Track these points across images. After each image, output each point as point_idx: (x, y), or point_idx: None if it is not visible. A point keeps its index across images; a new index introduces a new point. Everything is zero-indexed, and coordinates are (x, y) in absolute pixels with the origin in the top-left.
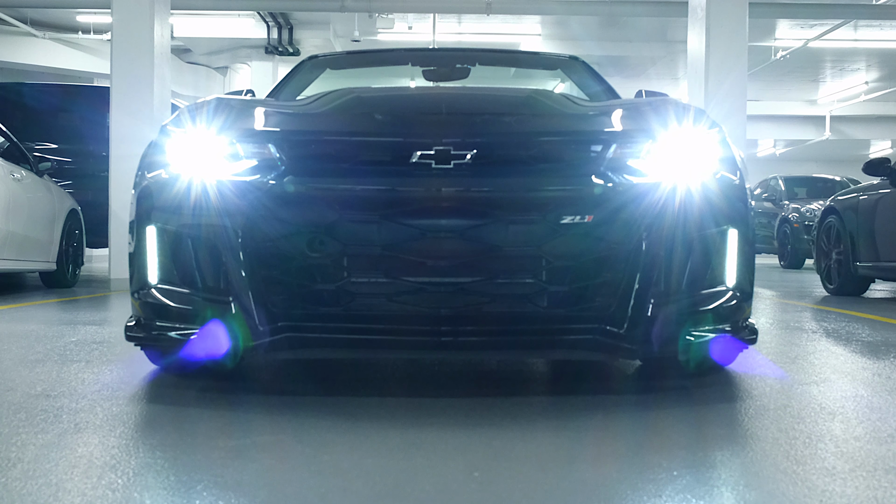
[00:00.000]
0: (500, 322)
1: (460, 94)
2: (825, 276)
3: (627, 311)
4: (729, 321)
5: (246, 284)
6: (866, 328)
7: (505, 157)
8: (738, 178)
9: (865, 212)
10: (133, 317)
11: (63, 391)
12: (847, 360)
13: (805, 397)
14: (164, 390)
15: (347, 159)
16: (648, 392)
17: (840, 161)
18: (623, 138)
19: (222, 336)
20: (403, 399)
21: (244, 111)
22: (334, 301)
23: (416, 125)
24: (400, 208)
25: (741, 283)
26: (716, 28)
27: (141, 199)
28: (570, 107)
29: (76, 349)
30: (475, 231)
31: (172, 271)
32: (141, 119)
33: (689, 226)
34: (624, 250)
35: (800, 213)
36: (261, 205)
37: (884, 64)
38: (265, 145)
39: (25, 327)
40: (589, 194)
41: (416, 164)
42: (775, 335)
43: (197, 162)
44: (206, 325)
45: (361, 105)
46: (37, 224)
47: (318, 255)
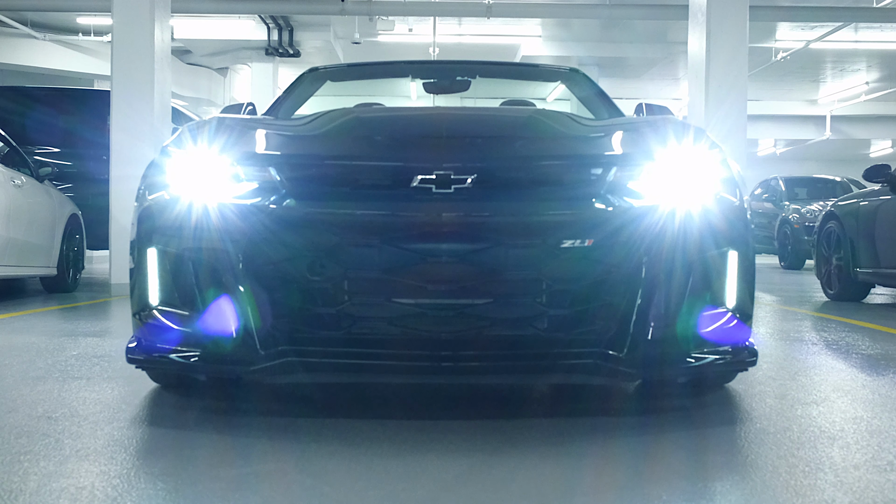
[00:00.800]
0: (501, 346)
1: (460, 116)
2: (825, 282)
3: (627, 335)
4: (729, 342)
5: (247, 308)
6: (866, 339)
7: (505, 181)
8: (738, 198)
9: (866, 218)
10: (134, 337)
11: (64, 412)
12: (847, 377)
13: (805, 420)
14: (165, 411)
15: (348, 183)
16: (648, 413)
17: (841, 160)
18: (623, 161)
19: (223, 359)
20: (404, 421)
21: (245, 133)
22: (335, 325)
23: (417, 149)
24: (400, 233)
25: (741, 304)
26: (716, 30)
27: (142, 221)
28: (570, 128)
29: (77, 364)
30: (475, 255)
31: (173, 293)
32: (141, 122)
33: (690, 248)
34: (624, 273)
35: (800, 214)
36: (262, 228)
37: (884, 64)
38: (266, 168)
39: (27, 339)
40: (589, 218)
41: (417, 189)
42: (775, 347)
43: (198, 184)
44: (206, 349)
45: (361, 127)
46: (38, 230)
47: (318, 278)
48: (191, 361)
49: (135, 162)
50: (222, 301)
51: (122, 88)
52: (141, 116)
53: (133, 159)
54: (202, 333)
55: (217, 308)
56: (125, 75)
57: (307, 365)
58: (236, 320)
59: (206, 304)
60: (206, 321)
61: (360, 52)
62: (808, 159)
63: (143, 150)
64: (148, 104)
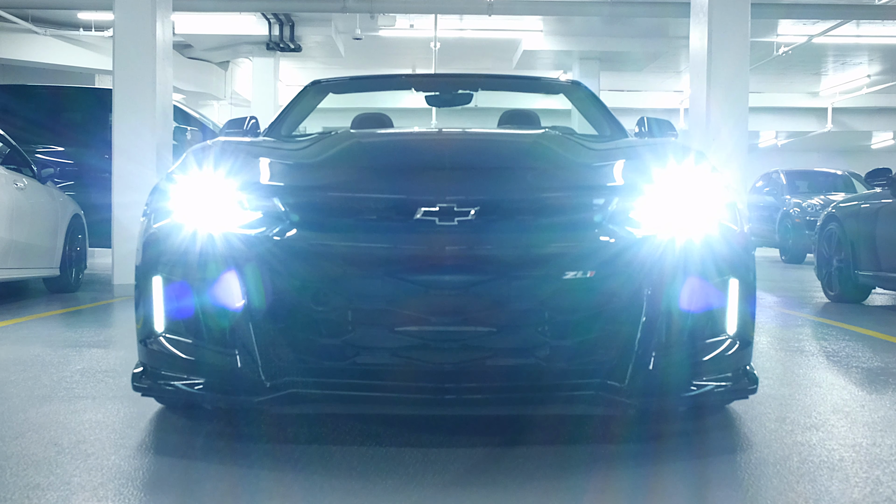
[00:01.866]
0: (503, 377)
1: (462, 145)
2: (826, 283)
3: (628, 364)
4: (730, 369)
5: (251, 338)
6: (866, 350)
7: (508, 213)
8: (739, 225)
9: (866, 220)
10: (140, 363)
11: (71, 439)
12: (846, 395)
13: (804, 448)
14: (171, 437)
15: (352, 214)
16: (648, 440)
17: (842, 151)
18: (625, 191)
19: (228, 389)
20: (407, 449)
21: (249, 161)
22: (339, 355)
23: (420, 181)
24: (404, 265)
25: (742, 331)
26: (718, 28)
27: (147, 248)
28: (573, 154)
29: (82, 381)
30: (478, 287)
31: (178, 321)
32: (143, 120)
33: (691, 277)
34: (625, 303)
35: (801, 209)
36: (266, 258)
37: (886, 58)
38: (270, 198)
39: (30, 351)
40: (591, 249)
41: (420, 221)
42: (775, 359)
43: (203, 213)
44: (211, 378)
45: (364, 155)
46: (40, 232)
47: (323, 308)
48: (196, 391)
49: (136, 159)
50: (227, 331)
51: (124, 85)
52: (143, 114)
53: (134, 158)
54: (207, 363)
55: (222, 338)
56: (127, 72)
57: (311, 396)
58: (241, 351)
59: (212, 333)
60: (212, 351)
61: (362, 46)
62: (810, 150)
63: (145, 149)
64: (150, 101)
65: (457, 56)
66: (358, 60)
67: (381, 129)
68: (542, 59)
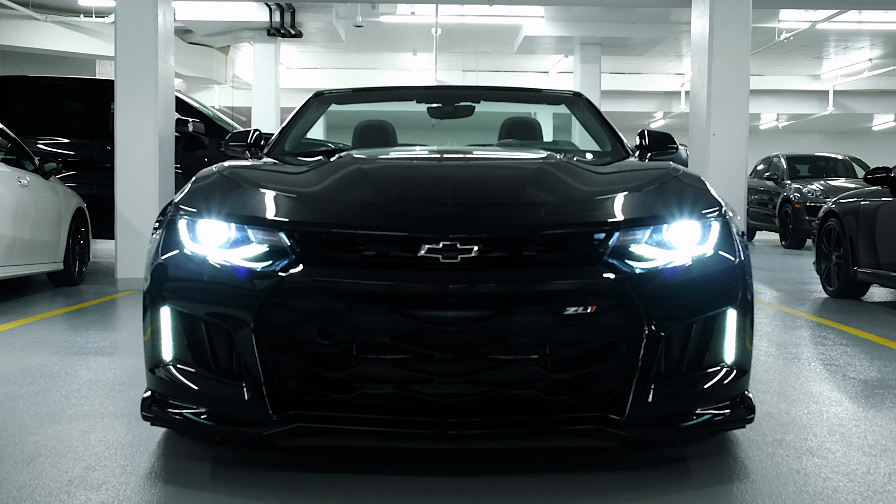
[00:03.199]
0: (505, 412)
1: (465, 177)
2: (825, 278)
3: (628, 398)
4: (728, 398)
5: (258, 371)
6: (864, 358)
7: (510, 250)
8: (737, 255)
9: (865, 218)
10: (148, 390)
11: (83, 466)
12: (842, 413)
13: (800, 477)
14: (179, 463)
15: (356, 251)
16: (646, 468)
17: (843, 133)
18: (625, 226)
19: (235, 421)
20: (412, 478)
21: (254, 194)
22: (344, 389)
23: (423, 219)
24: (408, 301)
25: (739, 359)
26: (719, 16)
27: (155, 277)
28: (574, 186)
29: (90, 396)
30: (480, 323)
31: (186, 352)
32: (145, 109)
33: (690, 310)
34: (625, 337)
35: (801, 194)
36: (271, 292)
37: (888, 43)
38: (275, 233)
39: (37, 360)
40: (592, 285)
41: (424, 258)
42: (774, 368)
43: (208, 246)
44: (218, 410)
45: (367, 188)
46: (44, 228)
47: (328, 342)
48: (203, 421)
49: (139, 148)
50: (234, 363)
51: (126, 72)
52: (145, 103)
53: (136, 147)
54: (215, 395)
55: (229, 370)
56: (129, 59)
57: (317, 430)
58: (248, 383)
59: (219, 365)
60: (219, 383)
61: (363, 32)
62: (811, 132)
63: (147, 139)
64: (151, 90)
65: (458, 41)
66: (359, 45)
67: (383, 145)
68: (543, 45)
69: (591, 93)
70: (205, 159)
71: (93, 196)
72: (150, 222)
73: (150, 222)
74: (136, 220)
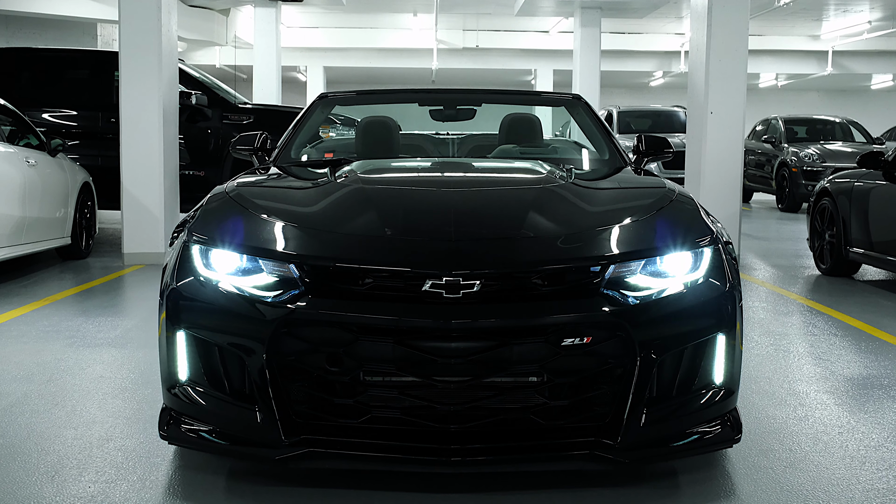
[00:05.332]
0: (505, 438)
1: (467, 208)
2: (818, 256)
3: (622, 423)
4: (717, 417)
5: (269, 397)
6: (852, 350)
7: (510, 286)
8: (727, 282)
9: (858, 199)
10: (164, 405)
11: (101, 485)
12: (827, 418)
13: (787, 493)
14: (195, 476)
15: (362, 284)
16: (640, 484)
17: (841, 92)
18: (621, 259)
19: (249, 443)
20: (418, 495)
21: (265, 223)
22: (353, 415)
23: (427, 255)
24: (413, 334)
25: (728, 380)
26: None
27: (170, 302)
28: (575, 207)
29: (105, 395)
30: (481, 354)
31: (201, 374)
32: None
33: (682, 337)
34: (619, 365)
35: (798, 158)
36: (282, 322)
37: (888, 5)
38: (285, 265)
39: (51, 353)
40: (589, 318)
41: (427, 293)
42: (766, 362)
43: (221, 272)
44: (232, 431)
45: (375, 221)
46: (52, 205)
47: (337, 370)
48: (216, 441)
49: (143, 126)
50: (247, 387)
51: (130, 43)
52: (149, 75)
53: (141, 122)
54: (229, 418)
55: (242, 393)
56: (133, 28)
57: (327, 455)
58: (261, 407)
59: (233, 388)
60: (233, 406)
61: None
62: (809, 90)
63: (152, 114)
64: (156, 61)
65: (458, 2)
66: (359, 6)
67: (386, 145)
68: (544, 7)
69: (591, 55)
70: (207, 131)
71: (97, 167)
72: (156, 197)
73: (155, 197)
74: (142, 195)
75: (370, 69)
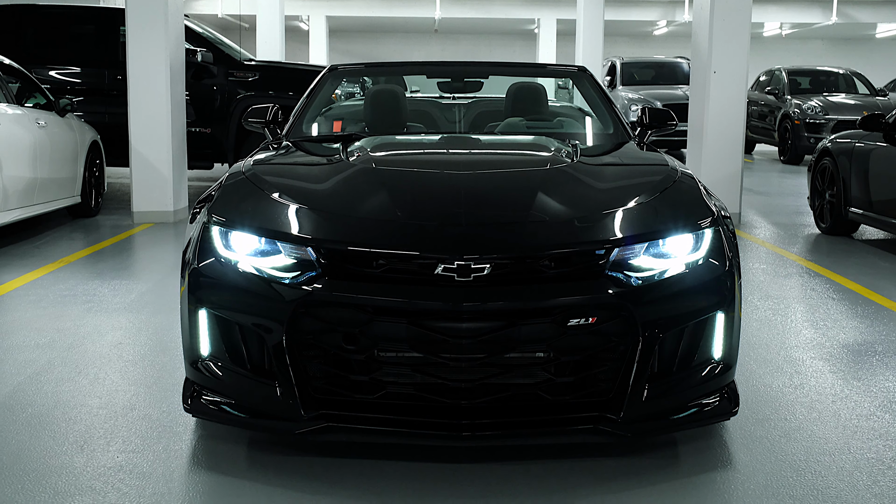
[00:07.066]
0: (513, 413)
1: (477, 192)
2: (818, 215)
3: (624, 398)
4: (715, 390)
5: (289, 373)
6: (850, 314)
7: (519, 269)
8: (726, 262)
9: (859, 160)
10: (187, 378)
11: (131, 450)
12: (823, 386)
13: (780, 465)
14: (217, 447)
15: (377, 267)
16: (641, 454)
17: (846, 40)
18: (625, 242)
19: (270, 416)
20: (430, 465)
21: (281, 206)
22: (368, 391)
23: (439, 240)
24: (425, 315)
25: (727, 355)
26: None
27: (192, 281)
28: (581, 189)
29: (127, 363)
30: (491, 334)
31: (222, 350)
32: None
33: (683, 315)
34: (622, 342)
35: (801, 110)
36: (301, 303)
37: None
38: (303, 248)
39: (70, 319)
40: (593, 298)
41: (440, 276)
42: (764, 327)
43: (241, 253)
44: (253, 405)
45: (384, 195)
46: (62, 165)
47: (353, 348)
48: (238, 415)
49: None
50: (266, 363)
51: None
52: (155, 32)
53: (148, 80)
54: (249, 391)
55: (262, 369)
56: None
57: (344, 428)
58: (281, 383)
59: (253, 364)
60: (252, 380)
61: None
62: (814, 39)
63: (159, 71)
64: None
65: None
66: None
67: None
68: None
69: (595, 3)
70: (213, 88)
71: (105, 124)
72: (164, 155)
73: (163, 155)
74: (150, 155)
75: (372, 18)
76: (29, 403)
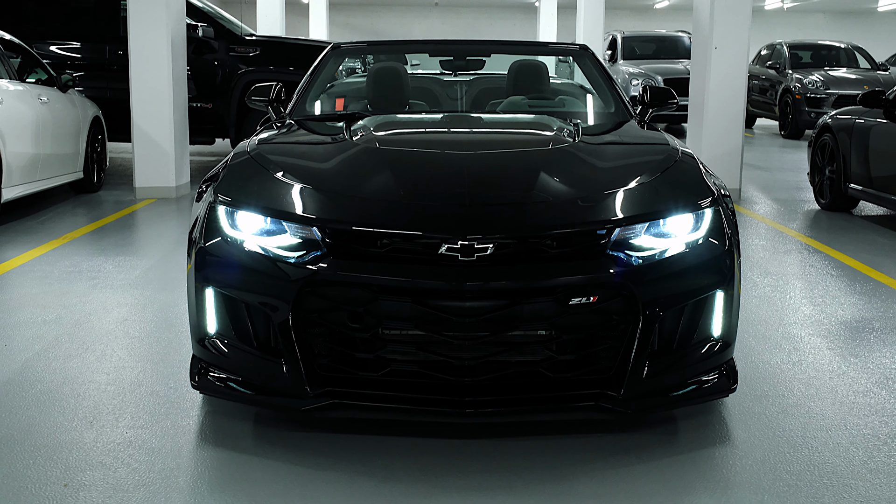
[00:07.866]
0: (515, 390)
1: (480, 173)
2: (818, 191)
3: (625, 376)
4: (715, 368)
5: (294, 351)
6: (848, 291)
7: (521, 249)
8: (725, 241)
9: (859, 136)
10: (194, 355)
11: (139, 426)
12: (821, 363)
13: (777, 442)
14: (224, 423)
15: (381, 247)
16: (641, 430)
17: (848, 13)
18: (626, 223)
19: (277, 393)
20: (432, 441)
21: (286, 186)
22: (373, 368)
23: (443, 220)
24: (429, 294)
25: (726, 333)
26: None
27: (198, 260)
28: (583, 169)
29: (133, 339)
30: (494, 313)
31: (229, 328)
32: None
33: (683, 294)
34: (623, 321)
35: (802, 85)
36: (306, 282)
37: None
38: (308, 228)
39: (75, 295)
40: (594, 278)
41: (443, 256)
42: (759, 307)
43: (247, 232)
44: (259, 382)
45: (387, 175)
46: (65, 141)
47: (358, 327)
48: (245, 392)
49: (152, 59)
50: (272, 341)
51: None
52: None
53: (150, 55)
54: (255, 368)
55: (268, 347)
56: None
57: (350, 405)
58: (288, 360)
59: (259, 342)
60: (259, 358)
61: None
62: (815, 12)
63: (160, 46)
64: None
65: None
66: None
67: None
68: None
69: None
70: (214, 63)
71: (106, 100)
72: (166, 130)
73: (165, 130)
74: (152, 130)
75: None
76: (38, 380)
